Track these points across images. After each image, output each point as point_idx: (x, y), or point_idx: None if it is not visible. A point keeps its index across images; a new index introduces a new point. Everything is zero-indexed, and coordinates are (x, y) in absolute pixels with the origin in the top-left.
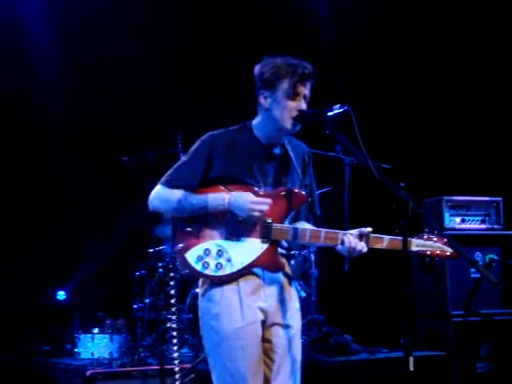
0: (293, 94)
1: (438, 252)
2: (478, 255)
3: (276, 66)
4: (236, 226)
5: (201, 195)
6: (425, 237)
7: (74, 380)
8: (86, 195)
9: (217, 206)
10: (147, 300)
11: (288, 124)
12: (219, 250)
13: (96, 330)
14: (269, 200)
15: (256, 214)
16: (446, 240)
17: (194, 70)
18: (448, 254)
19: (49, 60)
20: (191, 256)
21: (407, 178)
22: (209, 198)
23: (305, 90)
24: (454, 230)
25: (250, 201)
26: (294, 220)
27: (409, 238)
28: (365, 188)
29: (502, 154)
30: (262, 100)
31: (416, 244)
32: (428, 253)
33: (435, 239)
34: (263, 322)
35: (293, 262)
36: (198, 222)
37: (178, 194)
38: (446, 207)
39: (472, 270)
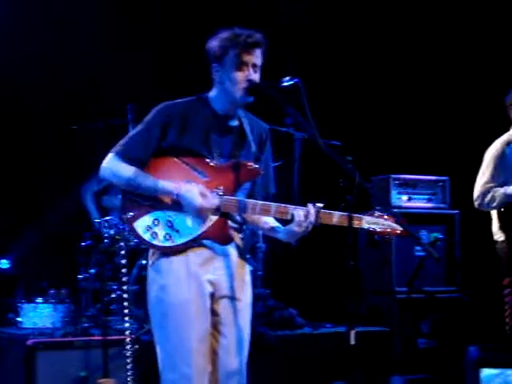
0: (239, 64)
1: (388, 230)
2: (424, 233)
3: (222, 39)
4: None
5: (151, 180)
6: (376, 214)
7: (16, 349)
8: (34, 163)
9: (165, 196)
10: (92, 270)
11: (238, 95)
12: (168, 221)
13: (39, 300)
14: (216, 202)
15: (203, 214)
16: (394, 218)
17: (147, 40)
18: (398, 232)
19: None
20: (140, 225)
21: (356, 155)
22: (158, 187)
23: (252, 59)
24: (401, 208)
25: (197, 204)
26: (249, 196)
27: (360, 215)
28: (314, 163)
29: (449, 134)
30: (213, 74)
31: (367, 221)
32: (378, 230)
33: (386, 217)
34: (212, 295)
35: (241, 235)
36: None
37: (129, 171)
38: (394, 185)
39: (417, 247)
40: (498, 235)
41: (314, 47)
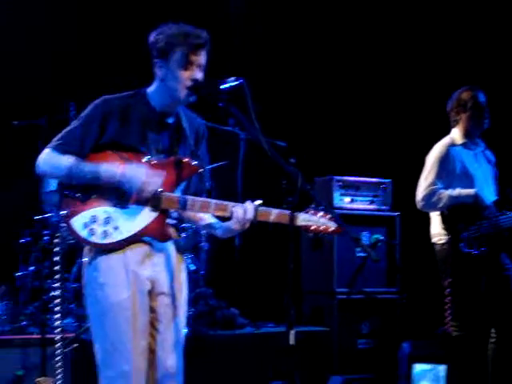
0: (186, 64)
1: (321, 228)
2: (365, 235)
3: (169, 36)
4: (125, 193)
5: (92, 165)
6: (311, 212)
7: None
8: None
9: (109, 179)
10: (31, 268)
11: (182, 94)
12: (107, 217)
13: None
14: (161, 178)
15: (146, 194)
16: (330, 216)
17: (89, 36)
18: (331, 229)
19: None
20: (77, 222)
21: (300, 156)
22: (101, 169)
23: (199, 59)
24: (343, 209)
25: (142, 181)
26: (185, 192)
27: (294, 213)
28: (258, 163)
29: (392, 137)
30: (156, 70)
31: (302, 218)
32: (312, 227)
33: (320, 214)
34: (150, 292)
35: (184, 234)
36: (86, 187)
37: (68, 160)
38: (336, 186)
39: (358, 249)
40: (437, 238)
41: (260, 47)
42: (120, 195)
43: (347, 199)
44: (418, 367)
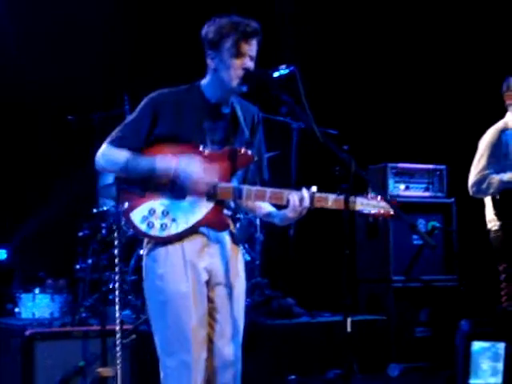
0: (237, 53)
1: (382, 211)
2: (421, 222)
3: (219, 26)
4: (180, 186)
5: (148, 158)
6: (369, 196)
7: (14, 339)
8: (30, 153)
9: (164, 172)
10: (90, 260)
11: (235, 83)
12: (164, 210)
13: (37, 290)
14: (214, 170)
15: (200, 188)
16: (389, 202)
17: (143, 31)
18: (392, 213)
19: None
20: (136, 216)
21: (353, 144)
22: (156, 163)
23: (250, 48)
24: (398, 196)
25: (195, 175)
26: (243, 182)
27: (353, 197)
28: (311, 152)
29: (446, 123)
30: (208, 61)
31: (361, 202)
32: (372, 212)
33: (379, 198)
34: (207, 282)
35: (238, 225)
36: (142, 181)
37: (124, 154)
38: (391, 174)
39: (414, 236)
40: (492, 223)
41: (310, 35)
42: (176, 188)
43: (402, 186)
44: (477, 345)
